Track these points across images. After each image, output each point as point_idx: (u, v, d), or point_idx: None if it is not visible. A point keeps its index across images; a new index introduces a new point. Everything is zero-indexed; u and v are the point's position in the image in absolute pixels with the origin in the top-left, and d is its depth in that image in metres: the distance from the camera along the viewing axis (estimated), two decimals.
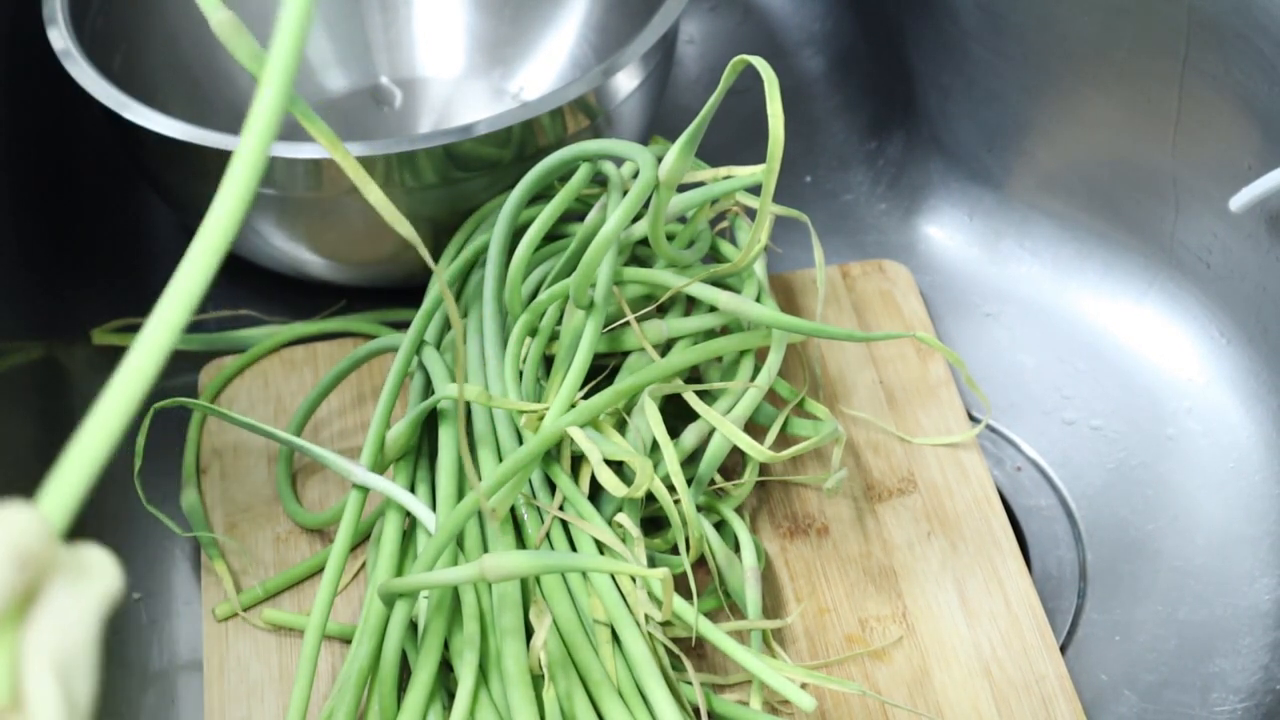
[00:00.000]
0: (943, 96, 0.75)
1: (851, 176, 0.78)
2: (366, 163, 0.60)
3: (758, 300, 0.60)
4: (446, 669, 0.53)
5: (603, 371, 0.60)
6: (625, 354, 0.60)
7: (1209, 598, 0.61)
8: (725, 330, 0.61)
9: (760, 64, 0.52)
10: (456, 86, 0.78)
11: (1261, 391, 0.66)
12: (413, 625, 0.53)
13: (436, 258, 0.64)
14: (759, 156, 0.54)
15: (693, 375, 0.61)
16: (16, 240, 0.66)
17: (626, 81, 0.64)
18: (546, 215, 0.59)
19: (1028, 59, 0.70)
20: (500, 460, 0.56)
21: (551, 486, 0.56)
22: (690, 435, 0.58)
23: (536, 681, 0.50)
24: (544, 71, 0.77)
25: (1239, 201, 0.62)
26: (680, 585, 0.56)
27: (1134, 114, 0.68)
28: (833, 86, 0.82)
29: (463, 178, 0.62)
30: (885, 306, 0.69)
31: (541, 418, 0.55)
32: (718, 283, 0.60)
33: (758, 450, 0.54)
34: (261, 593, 0.59)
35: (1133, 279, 0.71)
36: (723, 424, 0.55)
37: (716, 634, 0.52)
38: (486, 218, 0.64)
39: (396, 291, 0.68)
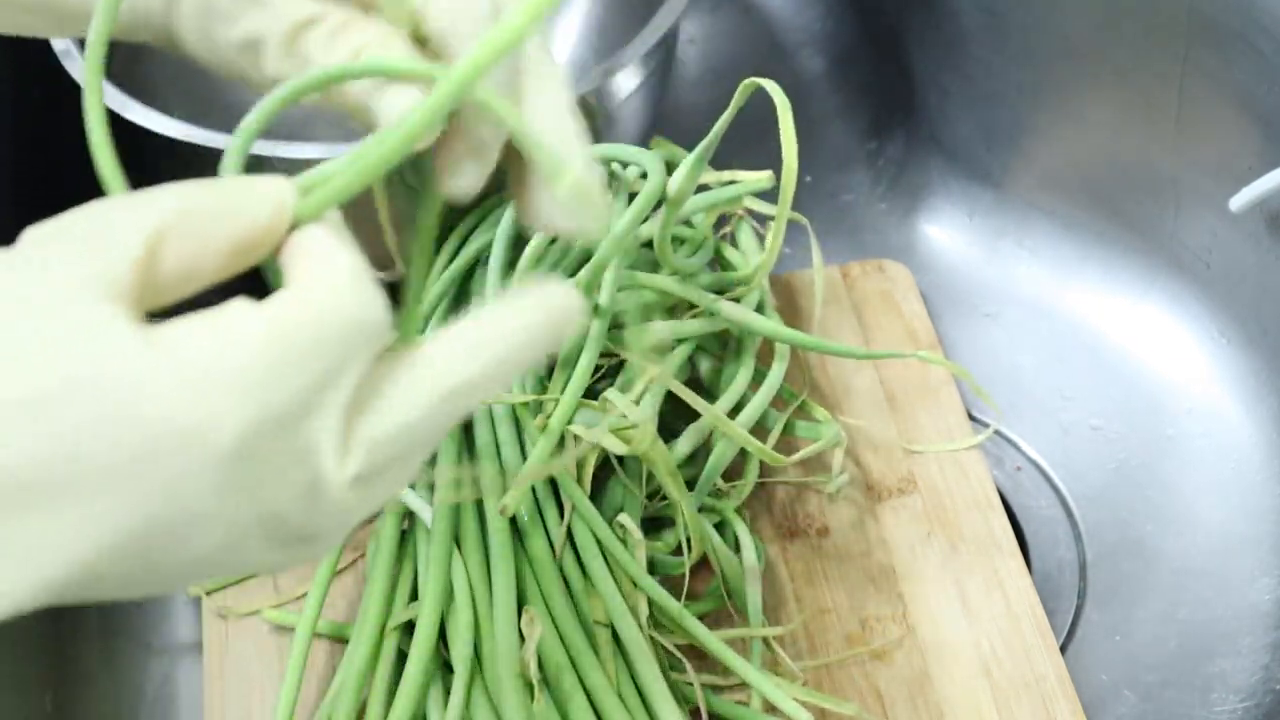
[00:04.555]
0: (943, 96, 0.75)
1: (851, 176, 0.78)
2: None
3: (759, 310, 0.60)
4: (449, 670, 0.53)
5: (601, 371, 0.60)
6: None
7: (1209, 598, 0.61)
8: (727, 332, 0.61)
9: (773, 89, 0.52)
10: None
11: (1261, 391, 0.66)
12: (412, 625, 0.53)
13: (434, 257, 0.64)
14: (761, 157, 0.54)
15: (694, 378, 0.61)
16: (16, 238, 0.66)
17: (626, 81, 0.64)
18: None
19: (1028, 59, 0.70)
20: (500, 458, 0.56)
21: (553, 484, 0.56)
22: (689, 437, 0.58)
23: (532, 687, 0.50)
24: None
25: (1239, 201, 0.62)
26: (680, 587, 0.56)
27: (1134, 114, 0.68)
28: (833, 86, 0.82)
29: None
30: (885, 306, 0.69)
31: (550, 416, 0.55)
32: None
33: (767, 454, 0.54)
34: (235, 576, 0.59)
35: (1133, 279, 0.71)
36: (730, 427, 0.55)
37: (716, 644, 0.52)
38: (488, 215, 0.64)
39: (397, 290, 0.68)
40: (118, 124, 0.62)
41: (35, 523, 0.28)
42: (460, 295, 0.63)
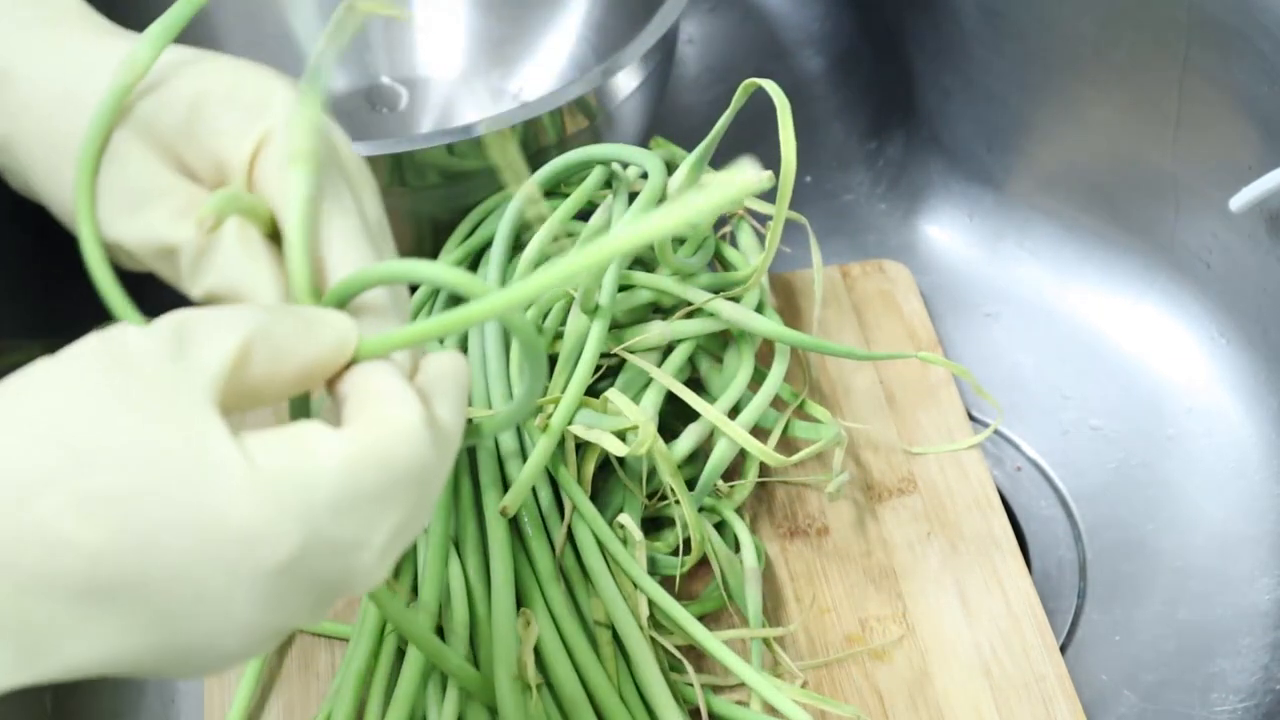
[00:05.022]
0: (943, 96, 0.75)
1: (851, 176, 0.78)
2: (368, 163, 0.60)
3: (759, 309, 0.60)
4: None
5: (601, 370, 0.60)
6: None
7: (1209, 598, 0.61)
8: (727, 332, 0.61)
9: (773, 89, 0.52)
10: (456, 86, 0.78)
11: (1261, 392, 0.66)
12: None
13: (437, 255, 0.64)
14: (761, 157, 0.53)
15: (694, 378, 0.61)
16: (17, 239, 0.66)
17: (626, 81, 0.64)
18: (559, 216, 0.59)
19: (1028, 59, 0.70)
20: (499, 459, 0.56)
21: (552, 483, 0.56)
22: (689, 437, 0.58)
23: (530, 688, 0.50)
24: (544, 71, 0.77)
25: (1239, 201, 0.62)
26: (682, 589, 0.56)
27: (1134, 114, 0.68)
28: (833, 86, 0.82)
29: (463, 177, 0.62)
30: (885, 307, 0.69)
31: (551, 416, 0.55)
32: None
33: (768, 455, 0.54)
34: None
35: (1133, 279, 0.71)
36: (731, 428, 0.55)
37: (715, 645, 0.52)
38: (491, 213, 0.64)
39: None
40: None
41: (92, 613, 0.29)
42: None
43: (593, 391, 0.57)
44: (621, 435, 0.55)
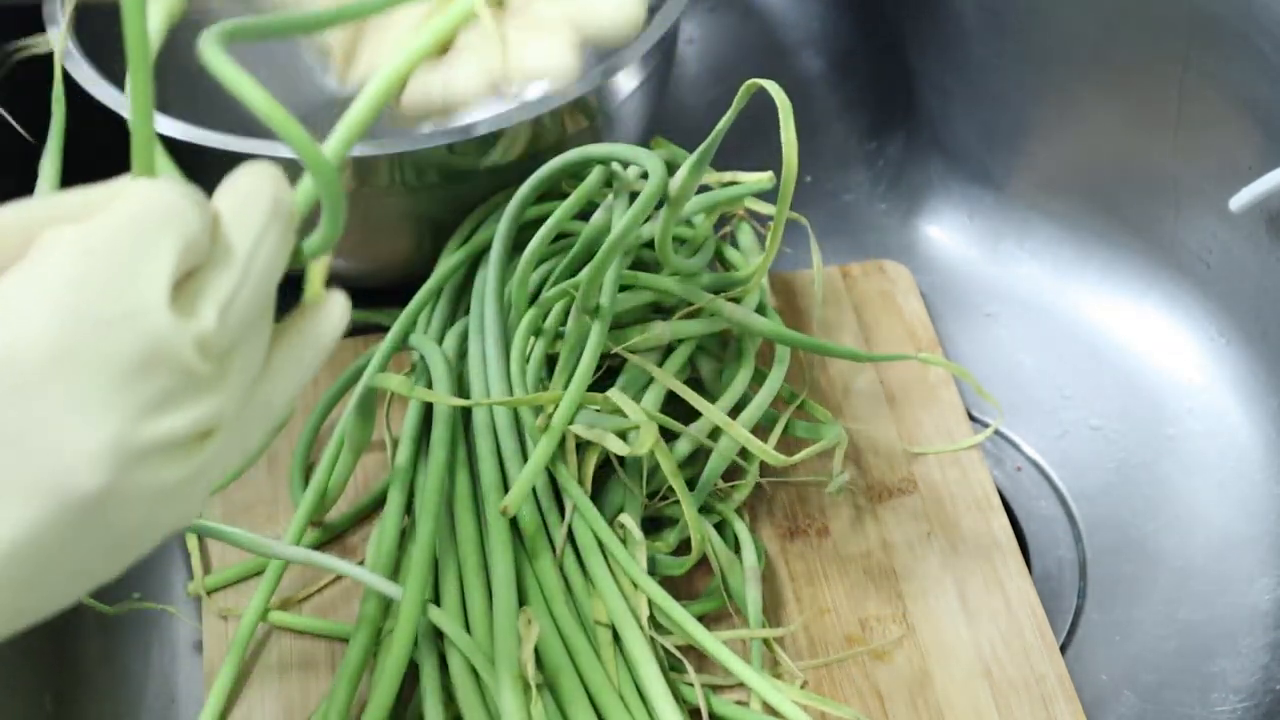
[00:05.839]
0: (943, 97, 0.75)
1: (851, 176, 0.78)
2: (369, 162, 0.60)
3: (760, 310, 0.60)
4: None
5: (602, 370, 0.60)
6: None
7: (1209, 598, 0.61)
8: (727, 333, 0.61)
9: (775, 90, 0.52)
10: None
11: (1261, 392, 0.66)
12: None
13: (438, 255, 0.64)
14: (761, 157, 0.54)
15: (695, 378, 0.61)
16: None
17: (626, 81, 0.64)
18: (559, 216, 0.59)
19: (1028, 59, 0.70)
20: (500, 460, 0.56)
21: (553, 483, 0.56)
22: (689, 437, 0.58)
23: (530, 688, 0.50)
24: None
25: (1239, 201, 0.62)
26: (682, 589, 0.56)
27: (1134, 114, 0.68)
28: (833, 86, 0.82)
29: (463, 177, 0.62)
30: (885, 307, 0.69)
31: (551, 416, 0.55)
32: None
33: (769, 454, 0.54)
34: (234, 576, 0.59)
35: (1133, 279, 0.71)
36: (732, 427, 0.55)
37: (715, 645, 0.52)
38: (491, 213, 0.64)
39: (395, 290, 0.68)
40: (116, 124, 0.62)
41: None
42: (465, 284, 0.63)
43: (594, 390, 0.57)
44: (622, 435, 0.55)
